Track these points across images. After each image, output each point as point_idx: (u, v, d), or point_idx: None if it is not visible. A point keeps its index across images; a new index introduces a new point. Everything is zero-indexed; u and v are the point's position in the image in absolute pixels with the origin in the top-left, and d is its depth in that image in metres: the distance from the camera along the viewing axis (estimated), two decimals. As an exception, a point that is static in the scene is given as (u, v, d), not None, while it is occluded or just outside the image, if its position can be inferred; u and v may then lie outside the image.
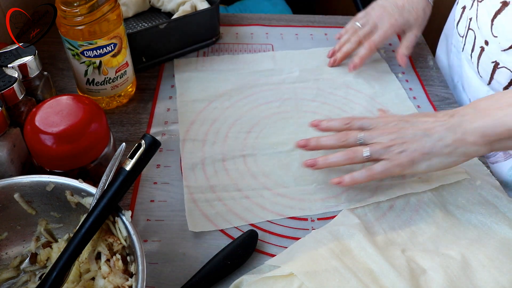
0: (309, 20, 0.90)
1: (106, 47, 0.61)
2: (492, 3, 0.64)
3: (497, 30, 0.63)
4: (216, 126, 0.67)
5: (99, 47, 0.61)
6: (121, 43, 0.64)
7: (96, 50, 0.61)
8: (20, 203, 0.48)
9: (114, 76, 0.65)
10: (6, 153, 0.51)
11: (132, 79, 0.70)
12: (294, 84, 0.74)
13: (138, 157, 0.43)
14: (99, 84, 0.65)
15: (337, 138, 0.55)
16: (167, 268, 0.51)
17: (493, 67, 0.65)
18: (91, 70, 0.63)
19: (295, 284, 0.46)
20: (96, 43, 0.60)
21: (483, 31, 0.66)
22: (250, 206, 0.57)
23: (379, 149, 0.52)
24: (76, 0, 0.57)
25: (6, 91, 0.52)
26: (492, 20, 0.63)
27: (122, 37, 0.63)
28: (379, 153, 0.52)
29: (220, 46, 0.82)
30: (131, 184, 0.45)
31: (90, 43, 0.60)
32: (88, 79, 0.64)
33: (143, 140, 0.43)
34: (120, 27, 0.63)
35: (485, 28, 0.65)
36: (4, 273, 0.48)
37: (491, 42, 0.64)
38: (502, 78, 0.64)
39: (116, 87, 0.67)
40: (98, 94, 0.66)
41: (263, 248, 0.53)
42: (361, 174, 0.53)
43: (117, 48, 0.63)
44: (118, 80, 0.66)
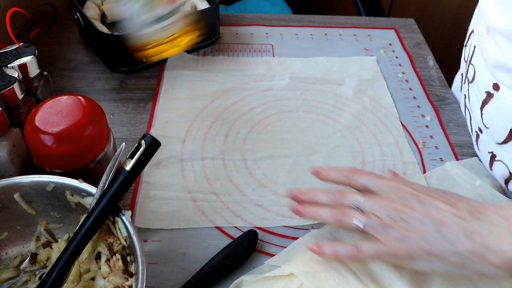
0: (309, 20, 0.90)
1: None
2: (479, 90, 0.56)
3: (488, 122, 0.55)
4: (194, 125, 0.67)
5: None
6: None
7: None
8: (20, 203, 0.47)
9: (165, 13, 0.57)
10: (6, 153, 0.51)
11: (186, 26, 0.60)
12: (281, 92, 0.74)
13: (138, 157, 0.43)
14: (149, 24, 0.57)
15: (332, 197, 0.47)
16: (167, 268, 0.51)
17: (490, 158, 0.57)
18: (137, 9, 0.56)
19: (295, 284, 0.46)
20: None
21: (475, 117, 0.59)
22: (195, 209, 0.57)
23: (375, 224, 0.43)
24: None
25: (6, 91, 0.52)
26: (481, 109, 0.56)
27: None
28: (373, 229, 0.43)
29: (220, 46, 0.82)
30: (131, 184, 0.45)
31: None
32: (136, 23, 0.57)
33: (143, 140, 0.43)
34: None
35: (477, 114, 0.58)
36: (4, 273, 0.48)
37: (484, 131, 0.57)
38: (499, 173, 0.57)
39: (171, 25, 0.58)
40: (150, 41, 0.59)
41: (263, 248, 0.53)
42: (346, 251, 0.44)
43: None
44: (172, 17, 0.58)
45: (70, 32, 0.83)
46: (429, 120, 0.70)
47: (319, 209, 0.46)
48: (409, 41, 0.86)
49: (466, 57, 0.63)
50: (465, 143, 0.67)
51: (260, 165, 0.62)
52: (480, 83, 0.57)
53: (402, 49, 0.84)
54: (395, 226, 0.42)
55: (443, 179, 0.59)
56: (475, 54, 0.59)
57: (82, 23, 0.76)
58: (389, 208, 0.43)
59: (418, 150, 0.65)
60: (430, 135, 0.68)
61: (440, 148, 0.66)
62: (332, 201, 0.46)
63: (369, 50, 0.84)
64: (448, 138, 0.67)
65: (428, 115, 0.71)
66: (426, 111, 0.72)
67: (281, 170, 0.61)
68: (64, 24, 0.84)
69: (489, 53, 0.55)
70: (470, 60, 0.60)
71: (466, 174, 0.59)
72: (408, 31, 0.89)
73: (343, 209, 0.45)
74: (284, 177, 0.61)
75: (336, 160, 0.63)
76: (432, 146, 0.66)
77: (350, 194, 0.46)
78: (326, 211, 0.46)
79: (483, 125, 0.56)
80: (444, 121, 0.70)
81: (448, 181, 0.59)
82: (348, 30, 0.88)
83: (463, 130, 0.69)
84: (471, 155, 0.65)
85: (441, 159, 0.64)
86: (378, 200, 0.44)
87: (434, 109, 0.72)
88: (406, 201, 0.43)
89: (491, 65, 0.54)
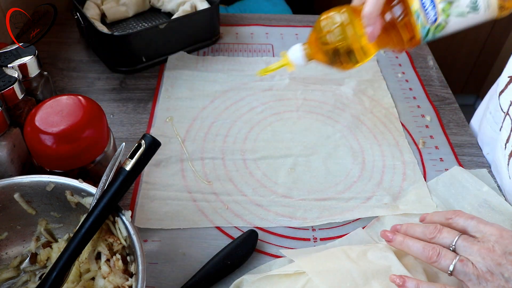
0: (309, 20, 0.90)
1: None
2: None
3: None
4: (194, 125, 0.67)
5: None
6: None
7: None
8: (20, 203, 0.47)
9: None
10: (6, 153, 0.51)
11: None
12: (281, 92, 0.74)
13: (138, 157, 0.43)
14: None
15: (427, 232, 0.43)
16: (167, 268, 0.51)
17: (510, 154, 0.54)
18: None
19: (299, 283, 0.46)
20: None
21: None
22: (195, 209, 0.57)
23: (469, 273, 0.39)
24: None
25: (6, 91, 0.52)
26: None
27: None
28: (466, 277, 0.39)
29: (220, 46, 0.82)
30: (131, 184, 0.45)
31: None
32: None
33: (143, 140, 0.43)
34: None
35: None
36: (4, 273, 0.48)
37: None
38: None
39: None
40: None
41: (263, 248, 0.53)
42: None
43: None
44: None
45: (70, 32, 0.83)
46: (429, 120, 0.70)
47: (409, 240, 0.44)
48: (409, 41, 0.86)
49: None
50: (465, 143, 0.67)
51: (260, 165, 0.62)
52: None
53: (402, 49, 0.84)
54: (492, 281, 0.38)
55: (449, 184, 0.59)
56: None
57: (82, 23, 0.76)
58: (489, 259, 0.39)
59: (418, 150, 0.65)
60: (430, 135, 0.68)
61: (440, 148, 0.66)
62: (425, 236, 0.43)
63: (369, 50, 0.84)
64: (448, 138, 0.67)
65: (428, 115, 0.71)
66: (426, 111, 0.72)
67: (281, 170, 0.61)
68: (64, 24, 0.84)
69: None
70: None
71: (474, 179, 0.58)
72: (408, 31, 0.89)
73: (440, 249, 0.41)
74: (284, 177, 0.61)
75: (336, 160, 0.63)
76: (432, 146, 0.66)
77: (447, 233, 0.42)
78: (416, 243, 0.43)
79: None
80: (444, 121, 0.70)
81: (455, 186, 0.59)
82: (348, 30, 0.88)
83: (463, 130, 0.69)
84: (470, 155, 0.65)
85: (441, 159, 0.64)
86: (478, 247, 0.40)
87: (434, 109, 0.72)
88: (510, 255, 0.39)
89: None
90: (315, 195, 0.58)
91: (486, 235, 0.41)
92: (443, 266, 0.41)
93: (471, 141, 0.67)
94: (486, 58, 1.73)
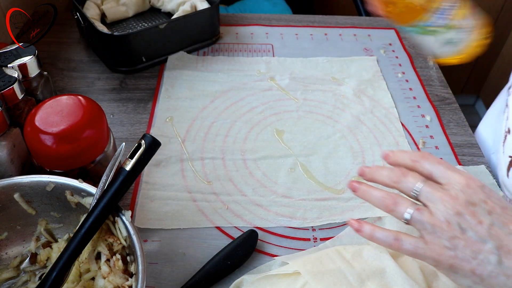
0: (309, 20, 0.90)
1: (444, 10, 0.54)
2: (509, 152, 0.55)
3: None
4: (194, 125, 0.67)
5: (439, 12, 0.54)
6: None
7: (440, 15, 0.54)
8: (20, 203, 0.47)
9: None
10: (6, 153, 0.51)
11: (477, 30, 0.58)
12: (281, 92, 0.74)
13: (138, 157, 0.43)
14: None
15: (392, 176, 0.41)
16: (167, 268, 0.51)
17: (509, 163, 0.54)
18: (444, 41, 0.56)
19: (298, 283, 0.46)
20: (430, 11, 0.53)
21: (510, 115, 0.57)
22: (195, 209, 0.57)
23: (425, 221, 0.37)
24: None
25: (6, 91, 0.52)
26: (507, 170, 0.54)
27: None
28: (421, 225, 0.37)
29: (220, 46, 0.82)
30: (131, 184, 0.45)
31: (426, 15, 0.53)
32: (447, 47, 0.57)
33: (143, 140, 0.43)
34: None
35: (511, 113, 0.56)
36: (4, 273, 0.48)
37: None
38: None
39: None
40: None
41: (263, 248, 0.53)
42: (384, 238, 0.39)
43: None
44: None
45: (70, 32, 0.83)
46: (429, 120, 0.70)
47: (372, 190, 0.41)
48: (409, 41, 0.86)
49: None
50: (465, 143, 0.67)
51: (260, 165, 0.62)
52: None
53: (402, 49, 0.84)
54: (447, 231, 0.36)
55: None
56: None
57: (82, 23, 0.76)
58: (450, 208, 0.36)
59: (418, 150, 0.65)
60: (430, 135, 0.68)
61: (440, 148, 0.66)
62: (392, 181, 0.40)
63: (369, 50, 0.84)
64: (448, 138, 0.67)
65: (428, 115, 0.71)
66: (426, 111, 0.72)
67: (281, 170, 0.61)
68: (64, 24, 0.84)
69: None
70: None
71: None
72: (408, 31, 0.89)
73: (397, 198, 0.39)
74: (284, 177, 0.61)
75: (336, 160, 0.63)
76: (432, 146, 0.66)
77: (412, 178, 0.39)
78: (378, 193, 0.40)
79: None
80: (444, 121, 0.70)
81: None
82: (348, 30, 0.88)
83: (463, 130, 0.69)
84: (470, 155, 0.65)
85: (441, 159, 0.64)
86: (442, 193, 0.37)
87: (434, 109, 0.72)
88: (474, 208, 0.36)
89: None
90: (315, 195, 0.58)
91: (452, 182, 0.38)
92: (399, 214, 0.38)
93: (471, 141, 0.67)
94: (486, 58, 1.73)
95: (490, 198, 0.37)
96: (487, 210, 0.36)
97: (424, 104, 0.73)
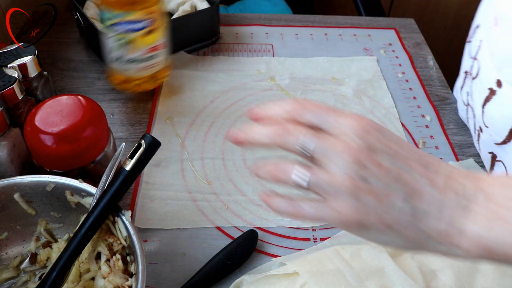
0: (309, 20, 0.90)
1: (141, 22, 0.58)
2: (482, 87, 0.54)
3: (488, 120, 0.53)
4: (194, 125, 0.67)
5: (133, 22, 0.57)
6: (158, 22, 0.59)
7: (130, 24, 0.58)
8: (20, 203, 0.47)
9: (142, 56, 0.61)
10: (6, 153, 0.51)
11: (164, 65, 0.65)
12: (281, 92, 0.74)
13: (138, 157, 0.43)
14: (126, 62, 0.61)
15: (271, 133, 0.34)
16: (167, 268, 0.51)
17: (492, 159, 0.56)
18: (118, 46, 0.60)
19: (298, 283, 0.46)
20: (132, 15, 0.57)
21: (477, 115, 0.56)
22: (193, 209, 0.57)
23: (321, 181, 0.32)
24: None
25: (6, 91, 0.52)
26: (482, 107, 0.54)
27: (160, 15, 0.59)
28: (320, 188, 0.32)
29: (220, 46, 0.82)
30: (131, 184, 0.45)
31: (126, 13, 0.57)
32: (115, 55, 0.61)
33: (143, 140, 0.43)
34: (159, 4, 0.59)
35: (478, 112, 0.55)
36: (4, 273, 0.48)
37: (485, 131, 0.55)
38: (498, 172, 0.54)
39: (143, 69, 0.62)
40: (122, 73, 0.63)
41: (263, 248, 0.53)
42: (285, 207, 0.34)
43: (152, 26, 0.59)
44: (146, 62, 0.62)
45: (70, 32, 0.83)
46: (429, 120, 0.70)
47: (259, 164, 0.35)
48: (409, 41, 0.86)
49: (471, 53, 0.61)
50: (465, 143, 0.67)
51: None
52: (483, 80, 0.55)
53: (402, 49, 0.84)
54: (349, 185, 0.31)
55: None
56: (480, 49, 0.57)
57: (82, 23, 0.76)
58: (347, 158, 0.31)
59: (418, 150, 0.65)
60: (430, 135, 0.68)
61: (440, 148, 0.66)
62: (273, 140, 0.34)
63: (369, 50, 0.84)
64: (448, 138, 0.67)
65: (428, 115, 0.71)
66: (426, 111, 0.72)
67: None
68: (64, 24, 0.83)
69: (498, 44, 0.53)
70: (475, 56, 0.58)
71: None
72: (408, 31, 0.89)
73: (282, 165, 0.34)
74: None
75: (336, 160, 0.63)
76: (432, 146, 0.66)
77: (297, 132, 0.33)
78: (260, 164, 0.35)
79: (483, 124, 0.54)
80: (444, 121, 0.70)
81: None
82: (348, 30, 0.88)
83: (463, 130, 0.69)
84: (471, 155, 0.65)
85: (441, 159, 0.64)
86: (335, 144, 0.32)
87: (434, 109, 0.72)
88: (373, 152, 0.31)
89: (498, 58, 0.53)
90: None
91: (345, 129, 0.32)
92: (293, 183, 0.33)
93: (471, 141, 0.67)
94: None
95: (392, 141, 0.32)
96: (390, 154, 0.32)
97: (424, 104, 0.73)
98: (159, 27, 0.61)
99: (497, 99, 0.52)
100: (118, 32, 0.59)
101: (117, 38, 0.59)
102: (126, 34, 0.59)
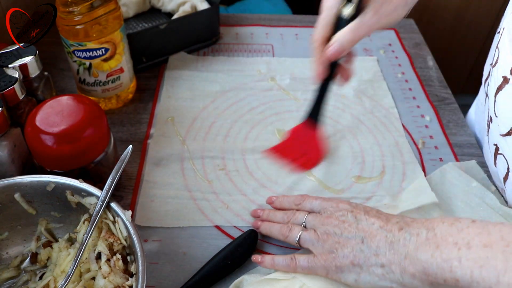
0: (309, 20, 0.90)
1: (97, 50, 0.61)
2: (497, 75, 0.55)
3: (498, 109, 0.54)
4: (194, 125, 0.67)
5: (89, 50, 0.61)
6: (115, 49, 0.63)
7: (86, 52, 0.61)
8: (20, 203, 0.48)
9: (105, 80, 0.65)
10: (7, 153, 0.51)
11: (128, 85, 0.69)
12: (282, 92, 0.74)
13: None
14: (90, 85, 0.65)
15: (285, 217, 0.51)
16: (167, 268, 0.51)
17: (495, 152, 0.57)
18: (82, 70, 0.63)
19: (297, 284, 0.46)
20: (86, 45, 0.60)
21: (490, 104, 0.57)
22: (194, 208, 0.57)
23: (308, 238, 0.46)
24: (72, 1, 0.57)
25: (6, 91, 0.52)
26: (495, 95, 0.55)
27: (117, 42, 0.63)
28: (308, 243, 0.47)
29: (220, 46, 0.82)
30: None
31: (80, 44, 0.60)
32: (80, 78, 0.65)
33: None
34: (116, 32, 0.62)
35: (491, 101, 0.56)
36: (5, 272, 0.48)
37: (494, 121, 0.56)
38: (501, 166, 0.56)
39: (107, 90, 0.66)
40: (89, 94, 0.66)
41: (263, 248, 0.53)
42: (284, 262, 0.47)
43: (109, 53, 0.62)
44: (109, 85, 0.66)
45: (70, 32, 0.83)
46: (429, 120, 0.70)
47: (271, 226, 0.51)
48: (408, 41, 0.87)
49: (495, 43, 0.61)
50: (465, 143, 0.67)
51: (260, 165, 0.62)
52: (500, 67, 0.55)
53: (402, 49, 0.85)
54: (328, 240, 0.45)
55: (441, 183, 0.59)
56: (502, 36, 0.57)
57: (82, 23, 0.76)
58: (326, 224, 0.46)
59: (418, 150, 0.65)
60: (429, 135, 0.68)
61: (440, 148, 0.66)
62: (284, 220, 0.51)
63: (369, 50, 0.84)
64: (447, 138, 0.67)
65: (428, 115, 0.71)
66: (425, 111, 0.72)
67: (281, 170, 0.62)
68: (64, 24, 0.83)
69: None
70: (497, 44, 0.58)
71: (463, 176, 0.59)
72: (407, 31, 0.89)
73: (291, 226, 0.49)
74: (284, 177, 0.61)
75: (336, 160, 0.63)
76: (431, 146, 0.66)
77: (299, 214, 0.50)
78: (276, 226, 0.51)
79: (494, 113, 0.55)
80: (443, 121, 0.70)
81: (445, 185, 0.59)
82: (348, 30, 0.88)
83: (462, 130, 0.69)
84: (470, 155, 0.65)
85: (441, 159, 0.64)
86: (319, 217, 0.48)
87: (433, 109, 0.72)
88: (344, 217, 0.46)
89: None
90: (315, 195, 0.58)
91: (327, 208, 0.48)
92: (293, 238, 0.48)
93: (471, 141, 0.67)
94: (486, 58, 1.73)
95: (355, 208, 0.47)
96: (354, 216, 0.46)
97: (424, 104, 0.73)
98: (118, 53, 0.64)
99: (509, 88, 0.52)
100: (79, 58, 0.62)
101: (78, 62, 0.63)
102: (85, 60, 0.62)
